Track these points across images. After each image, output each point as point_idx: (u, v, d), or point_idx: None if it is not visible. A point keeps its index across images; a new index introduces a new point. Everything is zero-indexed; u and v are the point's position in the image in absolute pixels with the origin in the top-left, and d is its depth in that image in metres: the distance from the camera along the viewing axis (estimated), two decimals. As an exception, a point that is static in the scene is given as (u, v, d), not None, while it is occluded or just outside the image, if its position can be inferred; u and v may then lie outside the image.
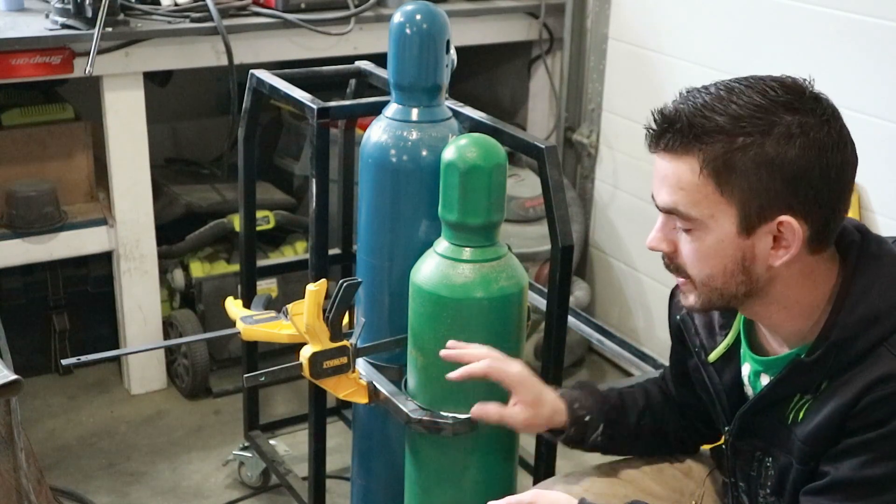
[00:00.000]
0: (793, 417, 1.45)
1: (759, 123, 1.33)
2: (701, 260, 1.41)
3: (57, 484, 2.64)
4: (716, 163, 1.34)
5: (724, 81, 1.39)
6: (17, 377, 1.73)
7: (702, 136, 1.35)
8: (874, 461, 1.35)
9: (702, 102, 1.36)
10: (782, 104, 1.34)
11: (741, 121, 1.33)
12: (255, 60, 2.88)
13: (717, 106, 1.35)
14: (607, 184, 3.31)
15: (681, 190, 1.38)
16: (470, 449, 1.89)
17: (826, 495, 1.39)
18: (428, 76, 1.94)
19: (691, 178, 1.36)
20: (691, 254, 1.42)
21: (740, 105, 1.34)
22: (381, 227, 2.01)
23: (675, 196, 1.38)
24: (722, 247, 1.39)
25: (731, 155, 1.33)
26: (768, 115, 1.33)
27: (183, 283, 3.14)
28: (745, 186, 1.34)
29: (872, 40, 2.41)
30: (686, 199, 1.38)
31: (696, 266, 1.42)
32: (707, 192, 1.36)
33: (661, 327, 3.18)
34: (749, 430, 1.54)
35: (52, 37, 2.65)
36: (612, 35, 3.19)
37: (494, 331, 1.82)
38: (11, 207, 2.86)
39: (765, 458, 1.52)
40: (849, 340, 1.38)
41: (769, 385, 1.48)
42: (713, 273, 1.41)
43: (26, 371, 2.82)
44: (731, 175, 1.34)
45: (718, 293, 1.42)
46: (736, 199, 1.35)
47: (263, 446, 2.62)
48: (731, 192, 1.35)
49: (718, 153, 1.34)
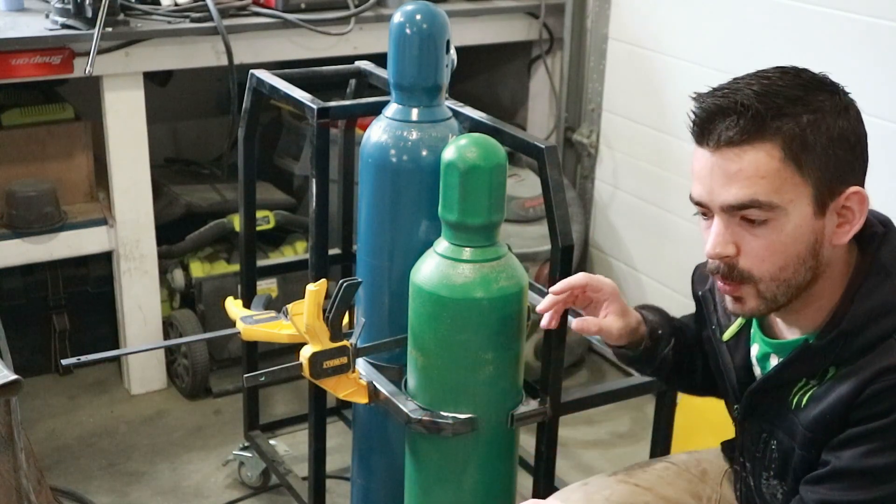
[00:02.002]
0: (796, 402, 1.46)
1: (814, 101, 1.35)
2: (775, 252, 1.38)
3: (57, 484, 2.64)
4: (794, 143, 1.34)
5: (751, 73, 1.40)
6: (17, 377, 1.73)
7: (775, 119, 1.34)
8: (876, 451, 1.35)
9: (753, 92, 1.35)
10: (818, 84, 1.38)
11: (798, 101, 1.35)
12: (255, 60, 2.88)
13: (770, 91, 1.35)
14: (607, 184, 3.31)
15: (761, 179, 1.34)
16: (470, 449, 1.89)
17: (826, 484, 1.39)
18: (428, 76, 1.94)
19: (770, 164, 1.34)
20: (763, 248, 1.38)
21: (789, 87, 1.36)
22: (381, 227, 2.01)
23: (755, 187, 1.34)
24: (800, 232, 1.37)
25: (805, 133, 1.34)
26: (815, 93, 1.36)
27: (183, 283, 3.14)
28: (821, 163, 1.35)
29: (872, 40, 2.41)
30: (768, 186, 1.35)
31: (768, 260, 1.38)
32: (787, 175, 1.34)
33: (661, 327, 3.17)
34: (755, 411, 1.55)
35: (52, 37, 2.65)
36: (612, 35, 3.19)
37: (494, 331, 1.82)
38: (11, 207, 2.86)
39: (770, 440, 1.53)
40: (858, 329, 1.38)
41: (776, 367, 1.50)
42: (786, 263, 1.38)
43: (26, 371, 2.82)
44: (808, 153, 1.34)
45: (786, 286, 1.40)
46: (813, 177, 1.35)
47: (263, 446, 2.62)
48: (810, 171, 1.35)
49: (795, 133, 1.34)
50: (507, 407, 1.89)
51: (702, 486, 1.79)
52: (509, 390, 1.90)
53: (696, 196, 1.42)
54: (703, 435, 2.45)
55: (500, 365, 1.84)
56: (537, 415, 1.94)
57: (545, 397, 1.94)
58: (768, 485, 1.55)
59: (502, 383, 1.87)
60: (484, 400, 1.86)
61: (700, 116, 1.38)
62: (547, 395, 1.94)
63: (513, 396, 1.91)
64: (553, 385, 1.94)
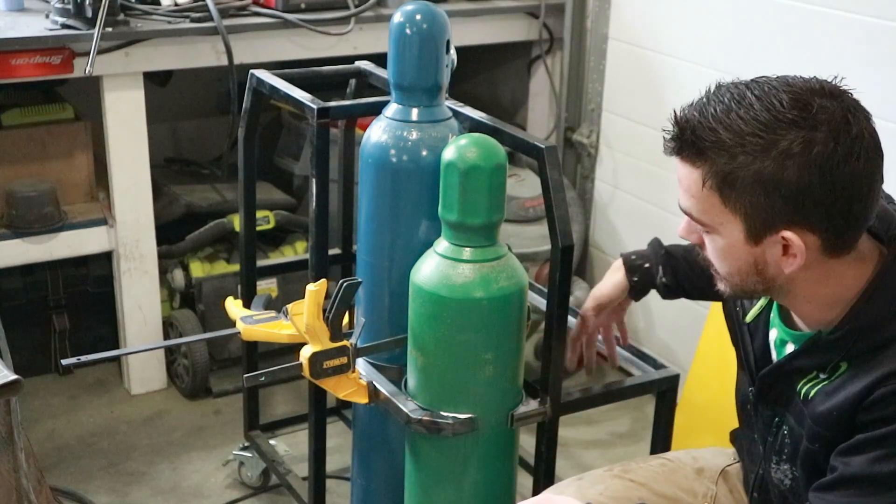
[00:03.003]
0: (804, 393, 1.47)
1: (760, 142, 1.33)
2: (718, 258, 1.46)
3: (57, 484, 2.64)
4: (717, 178, 1.37)
5: (740, 87, 1.39)
6: (17, 377, 1.73)
7: (705, 151, 1.37)
8: (885, 458, 1.35)
9: (711, 113, 1.37)
10: (787, 121, 1.33)
11: (743, 137, 1.34)
12: (255, 60, 2.88)
13: (725, 119, 1.35)
14: (607, 184, 3.31)
15: (692, 197, 1.42)
16: (470, 449, 1.89)
17: (836, 491, 1.39)
18: (428, 76, 1.94)
19: (698, 188, 1.40)
20: (710, 251, 1.47)
21: (746, 120, 1.34)
22: (381, 227, 2.01)
23: (688, 202, 1.43)
24: (734, 251, 1.42)
25: (732, 172, 1.35)
26: (771, 132, 1.33)
27: (183, 283, 3.14)
28: (746, 202, 1.36)
29: (872, 40, 2.41)
30: (696, 206, 1.42)
31: (716, 262, 1.47)
32: (713, 202, 1.39)
33: (661, 327, 3.18)
34: (768, 395, 1.57)
35: (52, 37, 2.64)
36: (612, 35, 3.19)
37: (494, 331, 1.82)
38: (11, 207, 2.85)
39: (782, 425, 1.54)
40: (871, 328, 1.39)
41: (787, 356, 1.52)
42: (731, 271, 1.45)
43: (26, 371, 2.82)
44: (731, 191, 1.37)
45: (739, 287, 1.47)
46: (740, 212, 1.38)
47: (263, 446, 2.62)
48: (734, 206, 1.37)
49: (720, 169, 1.36)
50: (507, 407, 1.89)
51: (697, 482, 1.79)
52: (509, 390, 1.90)
53: None
54: (703, 435, 2.46)
55: (500, 365, 1.84)
56: (537, 415, 1.94)
57: (545, 397, 1.94)
58: (778, 469, 1.56)
59: (502, 383, 1.87)
60: (484, 400, 1.86)
61: (674, 119, 1.43)
62: (547, 395, 1.94)
63: (513, 396, 1.91)
64: (553, 385, 1.94)
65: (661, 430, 2.15)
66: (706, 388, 2.67)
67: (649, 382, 2.13)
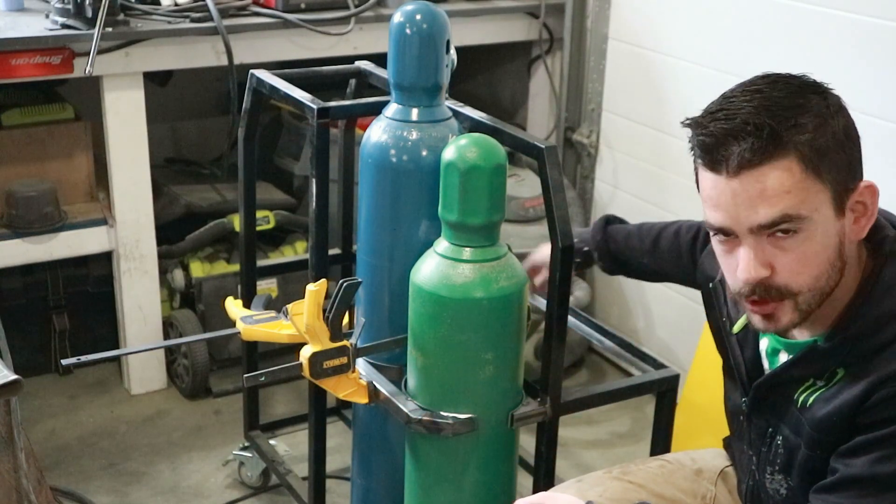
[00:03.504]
0: (802, 401, 1.46)
1: (812, 105, 1.35)
2: (809, 262, 1.37)
3: (57, 484, 2.64)
4: (810, 152, 1.33)
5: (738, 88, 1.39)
6: (17, 377, 1.73)
7: (783, 138, 1.32)
8: (886, 458, 1.35)
9: (754, 106, 1.34)
10: (808, 87, 1.38)
11: (800, 109, 1.34)
12: (255, 60, 2.88)
13: (771, 105, 1.34)
14: (607, 184, 3.31)
15: (787, 194, 1.33)
16: (470, 449, 1.89)
17: (837, 493, 1.39)
18: (428, 76, 1.94)
19: (793, 178, 1.33)
20: (798, 261, 1.37)
21: (785, 97, 1.35)
22: (381, 227, 2.01)
23: (782, 203, 1.34)
24: (827, 237, 1.37)
25: (815, 140, 1.34)
26: (809, 97, 1.36)
27: (183, 283, 3.14)
28: (835, 165, 1.36)
29: (872, 40, 2.41)
30: (795, 200, 1.34)
31: (805, 272, 1.38)
32: (809, 184, 1.34)
33: (661, 327, 3.18)
34: (762, 405, 1.55)
35: (52, 37, 2.64)
36: (612, 35, 3.19)
37: (494, 331, 1.82)
38: (11, 207, 2.86)
39: (776, 435, 1.53)
40: (867, 334, 1.39)
41: (783, 365, 1.50)
42: (820, 272, 1.38)
43: (26, 371, 2.82)
44: (823, 159, 1.34)
45: (821, 294, 1.40)
46: (830, 180, 1.36)
47: (263, 446, 2.62)
48: (827, 175, 1.35)
49: (808, 143, 1.33)
50: (507, 407, 1.89)
51: (696, 484, 1.79)
52: (509, 390, 1.90)
53: (719, 223, 1.39)
54: (703, 435, 2.46)
55: (500, 365, 1.84)
56: (537, 415, 1.94)
57: (545, 397, 1.94)
58: (772, 479, 1.55)
59: (502, 383, 1.87)
60: (484, 400, 1.86)
61: (708, 143, 1.36)
62: (547, 395, 1.94)
63: (513, 396, 1.91)
64: (553, 385, 1.94)
65: (660, 431, 2.15)
66: (706, 388, 2.67)
67: (649, 382, 2.13)
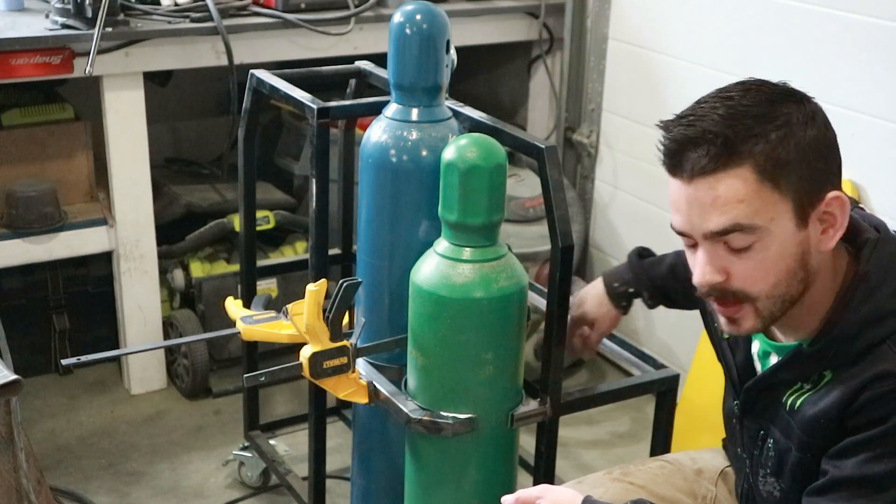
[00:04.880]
0: (790, 403, 1.46)
1: (780, 114, 1.34)
2: (766, 271, 1.38)
3: (57, 484, 2.64)
4: (767, 163, 1.33)
5: (714, 93, 1.39)
6: (17, 377, 1.73)
7: (740, 148, 1.32)
8: (875, 459, 1.35)
9: (719, 114, 1.34)
10: (783, 95, 1.37)
11: (765, 118, 1.33)
12: (255, 60, 2.88)
13: (736, 113, 1.34)
14: (607, 184, 3.31)
15: (740, 203, 1.34)
16: (470, 449, 1.89)
17: (828, 495, 1.39)
18: (428, 76, 1.94)
19: (747, 188, 1.33)
20: (753, 270, 1.38)
21: (754, 104, 1.35)
22: (381, 227, 2.01)
23: (734, 212, 1.34)
24: (785, 247, 1.37)
25: (776, 151, 1.33)
26: (781, 106, 1.35)
27: (183, 283, 3.14)
28: (797, 177, 1.34)
29: (872, 40, 2.41)
30: (747, 209, 1.34)
31: (761, 280, 1.38)
32: (765, 195, 1.34)
33: (661, 327, 3.18)
34: (754, 408, 1.55)
35: (52, 37, 2.64)
36: (612, 35, 3.19)
37: (494, 331, 1.82)
38: (11, 207, 2.85)
39: (767, 438, 1.54)
40: (851, 336, 1.39)
41: (771, 368, 1.50)
42: (777, 280, 1.38)
43: (26, 371, 2.81)
44: (782, 170, 1.33)
45: (781, 300, 1.40)
46: (791, 192, 1.35)
47: (263, 446, 2.62)
48: (787, 187, 1.34)
49: (767, 153, 1.33)
50: (507, 407, 1.89)
51: (696, 484, 1.79)
52: (509, 390, 1.90)
53: (678, 226, 1.42)
54: (703, 435, 2.45)
55: (500, 365, 1.84)
56: (537, 415, 1.94)
57: (545, 397, 1.94)
58: (765, 482, 1.55)
59: (502, 383, 1.87)
60: (484, 400, 1.86)
61: (670, 148, 1.38)
62: (547, 395, 1.94)
63: (513, 396, 1.91)
64: (553, 385, 1.94)
65: (660, 431, 2.15)
66: (706, 388, 2.67)
67: (649, 382, 2.13)
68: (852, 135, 2.42)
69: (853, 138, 2.41)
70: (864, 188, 2.47)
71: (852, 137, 2.41)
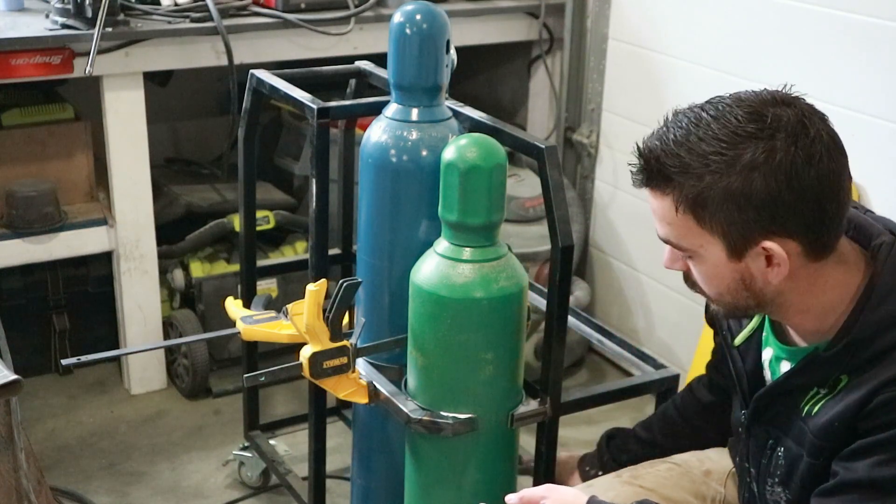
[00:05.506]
0: (807, 410, 1.46)
1: (723, 159, 1.35)
2: (706, 281, 1.47)
3: (57, 484, 2.64)
4: (688, 201, 1.38)
5: (695, 110, 1.41)
6: (17, 377, 1.73)
7: (672, 178, 1.38)
8: (886, 462, 1.35)
9: (672, 139, 1.39)
10: (746, 135, 1.35)
11: (706, 158, 1.36)
12: (255, 60, 2.88)
13: (686, 143, 1.37)
14: (607, 184, 3.31)
15: (668, 224, 1.43)
16: (470, 449, 1.89)
17: (837, 497, 1.39)
18: (428, 76, 1.94)
19: (672, 214, 1.41)
20: (697, 275, 1.47)
21: (706, 140, 1.36)
22: (381, 227, 2.01)
23: (665, 229, 1.44)
24: (718, 271, 1.43)
25: (701, 192, 1.36)
26: (732, 148, 1.35)
27: (183, 283, 3.14)
28: (721, 220, 1.37)
29: (872, 40, 2.41)
30: (673, 232, 1.43)
31: (705, 285, 1.48)
32: (689, 226, 1.40)
33: (661, 327, 3.18)
34: (763, 416, 1.55)
35: (52, 37, 2.64)
36: (612, 35, 3.19)
37: (494, 331, 1.82)
38: (11, 207, 2.85)
39: (777, 447, 1.53)
40: (867, 340, 1.39)
41: (785, 374, 1.50)
42: (720, 291, 1.46)
43: (26, 371, 2.81)
44: (704, 211, 1.38)
45: (732, 306, 1.48)
46: (717, 231, 1.39)
47: (263, 446, 2.62)
48: (711, 227, 1.39)
49: (690, 192, 1.37)
50: (507, 407, 1.89)
51: (705, 486, 1.79)
52: (509, 390, 1.90)
53: None
54: (703, 435, 2.45)
55: (500, 365, 1.84)
56: (537, 415, 1.94)
57: (545, 397, 1.94)
58: (772, 491, 1.55)
59: (502, 383, 1.87)
60: (484, 400, 1.86)
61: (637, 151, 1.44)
62: (547, 395, 1.94)
63: (513, 396, 1.91)
64: (553, 385, 1.94)
65: (661, 431, 2.15)
66: (706, 388, 2.67)
67: (649, 382, 2.13)
68: (852, 135, 2.40)
69: (853, 138, 2.40)
70: (864, 188, 2.47)
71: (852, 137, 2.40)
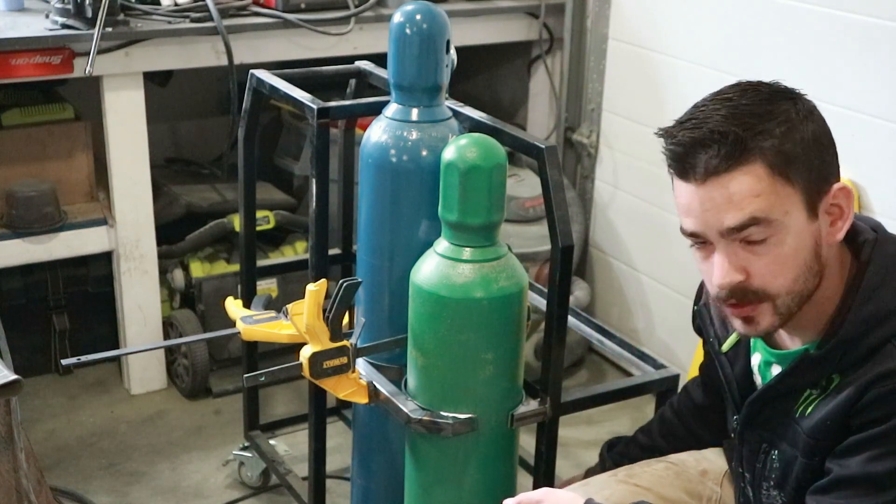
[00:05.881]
0: (801, 411, 1.46)
1: (780, 111, 1.37)
2: (784, 265, 1.39)
3: (57, 484, 2.64)
4: (777, 157, 1.36)
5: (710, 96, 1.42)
6: (17, 377, 1.73)
7: (752, 139, 1.35)
8: (879, 458, 1.35)
9: (722, 115, 1.37)
10: (779, 94, 1.40)
11: (768, 115, 1.36)
12: (255, 60, 2.88)
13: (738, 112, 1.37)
14: (607, 184, 3.31)
15: (755, 198, 1.36)
16: (470, 449, 1.89)
17: (832, 493, 1.40)
18: (428, 76, 1.94)
19: (760, 183, 1.36)
20: (772, 264, 1.39)
21: (754, 104, 1.38)
22: (381, 227, 2.01)
23: (751, 207, 1.36)
24: (800, 239, 1.39)
25: (783, 145, 1.36)
26: (779, 104, 1.38)
27: (183, 283, 3.14)
28: (805, 168, 1.37)
29: (872, 40, 2.41)
30: (763, 203, 1.36)
31: (781, 275, 1.40)
32: (778, 188, 1.37)
33: (661, 327, 3.18)
34: (756, 421, 1.55)
35: (52, 37, 2.64)
36: (612, 35, 3.19)
37: (494, 331, 1.82)
38: (11, 207, 2.85)
39: (771, 450, 1.53)
40: (857, 337, 1.39)
41: (777, 377, 1.50)
42: (797, 274, 1.40)
43: (26, 371, 2.82)
44: (791, 163, 1.37)
45: (799, 296, 1.41)
46: (800, 184, 1.38)
47: (263, 446, 2.62)
48: (797, 180, 1.37)
49: (774, 148, 1.36)
50: (507, 407, 1.89)
51: (702, 486, 1.79)
52: (509, 390, 1.90)
53: (691, 228, 1.42)
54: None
55: (500, 365, 1.84)
56: (537, 415, 1.94)
57: (545, 397, 1.94)
58: (768, 495, 1.55)
59: (502, 383, 1.87)
60: (484, 400, 1.86)
61: (677, 152, 1.40)
62: (547, 395, 1.94)
63: (513, 396, 1.91)
64: (553, 385, 1.94)
65: (661, 430, 2.15)
66: (706, 388, 2.67)
67: (649, 382, 2.13)
68: (852, 135, 2.42)
69: (853, 138, 2.41)
70: (864, 188, 2.47)
71: (852, 137, 2.41)
